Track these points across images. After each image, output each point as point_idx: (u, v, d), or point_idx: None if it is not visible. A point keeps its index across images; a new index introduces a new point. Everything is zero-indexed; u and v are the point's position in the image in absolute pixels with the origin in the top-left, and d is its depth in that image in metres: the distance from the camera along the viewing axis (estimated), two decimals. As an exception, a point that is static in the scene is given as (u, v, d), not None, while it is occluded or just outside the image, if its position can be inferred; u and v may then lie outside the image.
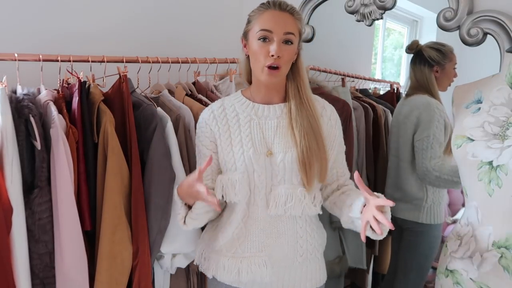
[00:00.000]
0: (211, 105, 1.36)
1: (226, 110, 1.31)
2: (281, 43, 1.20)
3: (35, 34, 1.62)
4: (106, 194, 1.32)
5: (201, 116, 1.35)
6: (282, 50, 1.19)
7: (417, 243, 1.91)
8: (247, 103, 1.31)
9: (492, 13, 1.57)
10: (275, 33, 1.19)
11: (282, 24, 1.20)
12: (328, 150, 1.28)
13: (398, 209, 1.93)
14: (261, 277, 1.27)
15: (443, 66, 1.88)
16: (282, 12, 1.21)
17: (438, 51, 1.87)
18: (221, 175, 1.28)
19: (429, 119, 1.80)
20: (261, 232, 1.27)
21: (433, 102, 1.83)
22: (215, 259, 1.31)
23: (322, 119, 1.30)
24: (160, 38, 1.99)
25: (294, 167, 1.24)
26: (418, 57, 1.89)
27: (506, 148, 1.20)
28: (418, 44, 1.90)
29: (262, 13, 1.22)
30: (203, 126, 1.32)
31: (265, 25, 1.20)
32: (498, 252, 1.20)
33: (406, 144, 1.91)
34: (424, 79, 1.88)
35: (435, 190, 1.88)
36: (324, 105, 1.34)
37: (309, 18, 2.08)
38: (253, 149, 1.25)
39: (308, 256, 1.32)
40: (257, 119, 1.28)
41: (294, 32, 1.21)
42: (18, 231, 1.20)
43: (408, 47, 1.91)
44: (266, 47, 1.20)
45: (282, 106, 1.29)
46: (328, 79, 2.17)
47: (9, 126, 1.19)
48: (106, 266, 1.32)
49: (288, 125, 1.26)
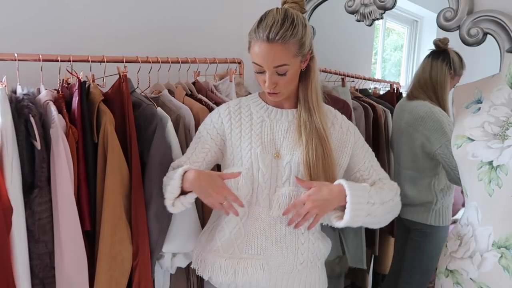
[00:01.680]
0: (228, 102, 1.40)
1: (241, 108, 1.34)
2: (274, 74, 1.20)
3: (35, 34, 1.62)
4: (106, 194, 1.32)
5: (217, 109, 1.38)
6: (275, 80, 1.21)
7: (424, 244, 1.90)
8: (262, 105, 1.34)
9: (492, 13, 1.57)
10: (265, 67, 1.19)
11: (270, 59, 1.17)
12: (336, 156, 1.29)
13: (406, 211, 1.93)
14: (257, 280, 1.25)
15: (454, 76, 1.87)
16: (270, 44, 1.15)
17: (460, 60, 1.86)
18: (226, 169, 1.30)
19: (439, 125, 1.77)
20: (260, 234, 1.27)
21: (435, 110, 1.80)
22: (211, 260, 1.30)
23: (334, 127, 1.32)
24: (160, 38, 1.99)
25: (300, 170, 1.25)
26: (442, 55, 1.86)
27: (506, 148, 1.20)
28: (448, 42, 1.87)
29: (254, 43, 1.19)
30: (215, 117, 1.35)
31: (256, 60, 1.20)
32: (498, 252, 1.20)
33: (409, 154, 1.90)
34: (442, 77, 1.84)
35: (445, 193, 1.87)
36: (336, 114, 1.37)
37: (309, 18, 2.08)
38: (261, 148, 1.26)
39: (308, 265, 1.31)
40: (269, 121, 1.31)
41: (286, 63, 1.18)
42: (18, 231, 1.20)
43: (440, 41, 1.86)
44: (262, 77, 1.23)
45: (294, 112, 1.31)
46: (328, 79, 2.17)
47: (9, 126, 1.19)
48: (106, 266, 1.32)
49: (297, 129, 1.27)
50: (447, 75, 1.85)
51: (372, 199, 1.21)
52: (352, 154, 1.33)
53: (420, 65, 1.93)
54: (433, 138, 1.79)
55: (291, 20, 1.16)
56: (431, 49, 1.90)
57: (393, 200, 1.29)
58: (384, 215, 1.27)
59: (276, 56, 1.17)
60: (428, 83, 1.87)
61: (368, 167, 1.34)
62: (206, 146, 1.33)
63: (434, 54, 1.89)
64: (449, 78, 1.86)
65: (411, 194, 1.89)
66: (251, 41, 1.21)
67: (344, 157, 1.32)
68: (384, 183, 1.32)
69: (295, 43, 1.17)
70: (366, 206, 1.20)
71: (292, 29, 1.16)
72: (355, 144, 1.34)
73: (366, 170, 1.34)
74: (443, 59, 1.86)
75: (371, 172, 1.34)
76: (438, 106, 1.83)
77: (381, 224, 1.30)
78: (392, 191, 1.31)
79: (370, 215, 1.22)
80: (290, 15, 1.18)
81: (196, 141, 1.36)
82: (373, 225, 1.29)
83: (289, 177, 1.25)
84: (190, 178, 1.21)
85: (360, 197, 1.19)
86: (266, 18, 1.18)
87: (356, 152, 1.34)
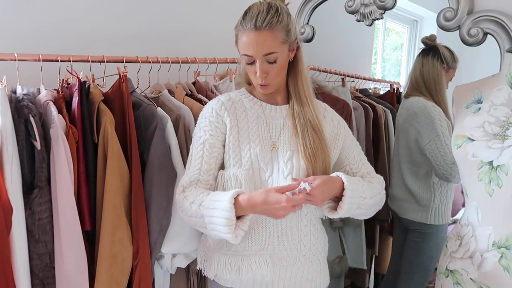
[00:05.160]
0: (218, 97, 1.35)
1: (235, 104, 1.32)
2: (264, 63, 1.20)
3: (35, 34, 1.62)
4: (106, 194, 1.32)
5: (209, 106, 1.31)
6: (266, 69, 1.21)
7: (424, 244, 1.91)
8: (255, 101, 1.33)
9: (492, 13, 1.57)
10: (255, 56, 1.20)
11: (259, 47, 1.18)
12: (330, 147, 1.30)
13: (406, 210, 1.94)
14: (262, 275, 1.26)
15: (448, 69, 1.89)
16: (258, 31, 1.17)
17: (451, 53, 1.88)
18: (224, 170, 1.28)
19: (430, 121, 1.80)
20: (263, 230, 1.27)
21: (428, 105, 1.83)
22: (216, 258, 1.31)
23: (325, 120, 1.34)
24: (160, 38, 1.99)
25: (300, 165, 1.25)
26: (431, 52, 1.88)
27: (506, 148, 1.20)
28: (436, 38, 1.89)
29: (242, 34, 1.20)
30: (212, 116, 1.29)
31: (245, 50, 1.20)
32: (498, 252, 1.20)
33: (406, 148, 1.93)
34: (434, 73, 1.87)
35: (443, 190, 1.88)
36: (326, 107, 1.39)
37: (309, 18, 2.08)
38: (260, 146, 1.26)
39: (310, 257, 1.32)
40: (264, 118, 1.30)
41: (275, 50, 1.19)
42: (18, 231, 1.20)
43: (428, 39, 1.89)
44: (253, 68, 1.22)
45: (288, 108, 1.32)
46: (328, 79, 2.17)
47: (9, 126, 1.19)
48: (106, 266, 1.32)
49: (292, 124, 1.29)
50: (440, 70, 1.87)
51: (364, 194, 1.26)
52: (342, 147, 1.35)
53: (412, 65, 1.96)
54: (424, 133, 1.82)
55: (275, 9, 1.19)
56: (421, 47, 1.93)
57: (380, 194, 1.33)
58: (371, 208, 1.31)
59: (265, 44, 1.18)
60: (420, 81, 1.90)
61: (357, 160, 1.37)
62: (215, 150, 1.27)
63: (424, 52, 1.91)
64: (443, 73, 1.88)
65: (413, 188, 1.90)
66: (238, 34, 1.22)
67: (335, 150, 1.34)
68: (372, 176, 1.36)
69: (282, 30, 1.19)
70: (358, 200, 1.24)
71: (278, 16, 1.18)
72: (345, 137, 1.36)
73: (355, 164, 1.36)
74: (434, 55, 1.88)
75: (360, 165, 1.37)
76: (433, 102, 1.85)
77: (365, 216, 1.35)
78: (379, 184, 1.35)
79: (359, 208, 1.26)
80: (274, 5, 1.20)
81: (200, 147, 1.27)
82: (359, 216, 1.34)
83: (291, 172, 1.26)
84: (245, 207, 1.14)
85: (355, 191, 1.23)
86: (251, 9, 1.20)
87: (346, 145, 1.36)
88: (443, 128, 1.78)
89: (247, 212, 1.16)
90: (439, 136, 1.77)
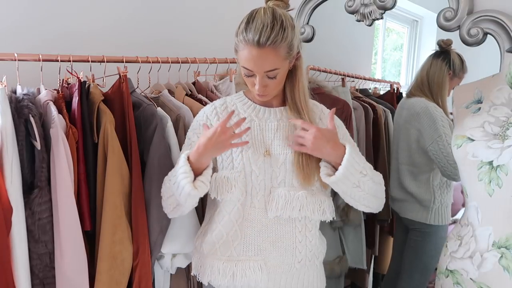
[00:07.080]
0: (213, 102, 1.36)
1: (228, 108, 1.32)
2: (264, 78, 1.19)
3: (35, 34, 1.62)
4: (106, 194, 1.32)
5: (203, 110, 1.34)
6: (266, 83, 1.20)
7: (424, 244, 1.91)
8: (249, 104, 1.32)
9: (492, 13, 1.57)
10: (255, 72, 1.18)
11: (261, 64, 1.15)
12: None
13: (406, 210, 1.94)
14: (256, 281, 1.25)
15: (453, 77, 1.89)
16: (261, 49, 1.13)
17: (462, 62, 1.88)
18: (216, 173, 1.27)
19: (433, 121, 1.79)
20: (257, 235, 1.26)
21: (430, 105, 1.83)
22: (209, 264, 1.29)
23: (321, 122, 1.32)
24: (160, 38, 1.99)
25: (294, 169, 1.24)
26: (443, 55, 1.88)
27: (506, 148, 1.20)
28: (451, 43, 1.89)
29: (243, 48, 1.16)
30: (203, 120, 1.31)
31: (245, 64, 1.18)
32: (498, 252, 1.20)
33: (406, 149, 1.92)
34: (440, 76, 1.87)
35: (443, 191, 1.88)
36: (323, 109, 1.37)
37: (309, 18, 2.08)
38: (253, 149, 1.25)
39: (306, 263, 1.30)
40: (257, 121, 1.29)
41: (277, 67, 1.16)
42: (18, 231, 1.20)
43: (443, 42, 1.88)
44: (252, 79, 1.21)
45: (282, 110, 1.31)
46: (328, 79, 2.17)
47: (9, 126, 1.19)
48: (106, 266, 1.32)
49: (287, 127, 1.28)
50: (446, 75, 1.87)
51: (365, 171, 1.21)
52: None
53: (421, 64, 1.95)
54: (426, 134, 1.81)
55: (280, 23, 1.14)
56: (435, 49, 1.92)
57: (381, 185, 1.28)
58: (370, 194, 1.24)
59: (267, 61, 1.15)
60: (425, 81, 1.90)
61: None
62: None
63: (436, 54, 1.91)
64: (447, 78, 1.87)
65: (412, 190, 1.90)
66: (238, 44, 1.18)
67: None
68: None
69: (285, 47, 1.16)
70: (358, 174, 1.19)
71: (282, 33, 1.14)
72: (342, 137, 1.33)
73: None
74: (444, 59, 1.87)
75: None
76: (435, 103, 1.85)
77: (362, 203, 1.26)
78: (381, 177, 1.30)
79: (358, 187, 1.20)
80: (279, 17, 1.15)
81: (188, 148, 1.29)
82: (357, 200, 1.25)
83: (285, 177, 1.25)
84: (195, 155, 1.18)
85: (356, 162, 1.19)
86: (254, 20, 1.15)
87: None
88: (445, 128, 1.78)
89: (201, 159, 1.18)
90: (442, 137, 1.77)
